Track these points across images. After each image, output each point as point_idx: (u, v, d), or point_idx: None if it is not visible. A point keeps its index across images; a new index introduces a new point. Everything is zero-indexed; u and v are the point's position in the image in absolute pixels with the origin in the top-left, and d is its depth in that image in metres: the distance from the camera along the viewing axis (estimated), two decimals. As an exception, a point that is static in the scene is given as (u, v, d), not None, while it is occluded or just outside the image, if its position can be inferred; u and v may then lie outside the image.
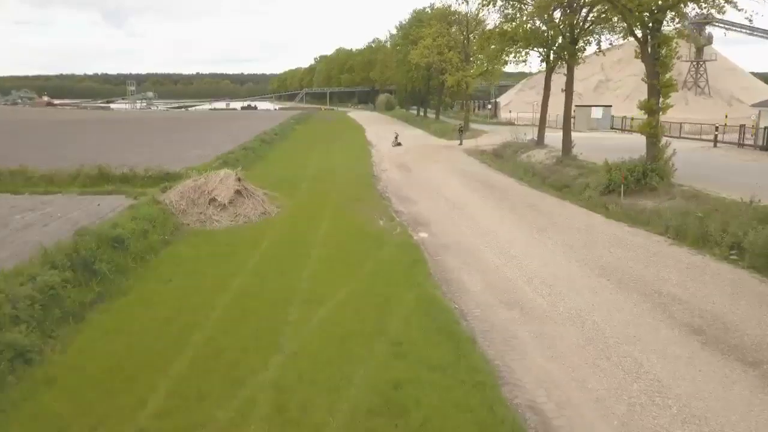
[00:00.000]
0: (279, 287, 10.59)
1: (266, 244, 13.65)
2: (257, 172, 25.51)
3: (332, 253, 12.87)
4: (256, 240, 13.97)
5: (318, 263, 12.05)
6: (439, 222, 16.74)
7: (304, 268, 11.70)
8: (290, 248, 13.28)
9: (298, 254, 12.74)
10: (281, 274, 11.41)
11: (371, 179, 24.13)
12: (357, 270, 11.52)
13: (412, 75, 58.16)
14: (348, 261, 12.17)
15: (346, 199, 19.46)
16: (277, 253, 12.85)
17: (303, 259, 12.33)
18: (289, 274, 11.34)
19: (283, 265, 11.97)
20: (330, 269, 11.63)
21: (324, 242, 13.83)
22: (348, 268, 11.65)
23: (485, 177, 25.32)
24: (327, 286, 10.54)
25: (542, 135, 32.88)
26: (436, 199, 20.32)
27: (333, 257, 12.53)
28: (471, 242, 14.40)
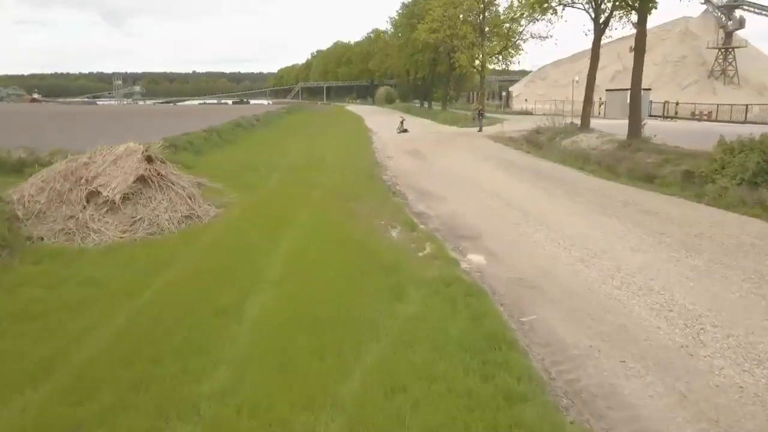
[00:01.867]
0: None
1: (155, 288, 6.25)
2: (215, 157, 18.13)
3: (288, 319, 5.48)
4: (143, 278, 6.58)
5: (246, 364, 4.63)
6: (497, 233, 9.38)
7: (211, 377, 4.33)
8: (199, 303, 5.82)
9: (208, 326, 5.33)
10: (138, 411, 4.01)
11: (374, 168, 16.78)
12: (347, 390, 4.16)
13: (416, 59, 50.67)
14: (327, 350, 4.76)
15: (335, 196, 12.13)
16: (159, 326, 5.38)
17: (217, 343, 4.95)
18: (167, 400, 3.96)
19: (157, 368, 4.54)
20: (275, 387, 4.23)
21: (279, 282, 6.44)
22: (325, 378, 4.28)
23: (532, 165, 17.93)
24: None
25: (588, 117, 25.83)
26: (473, 193, 12.97)
27: (288, 334, 5.13)
28: (587, 280, 7.05)
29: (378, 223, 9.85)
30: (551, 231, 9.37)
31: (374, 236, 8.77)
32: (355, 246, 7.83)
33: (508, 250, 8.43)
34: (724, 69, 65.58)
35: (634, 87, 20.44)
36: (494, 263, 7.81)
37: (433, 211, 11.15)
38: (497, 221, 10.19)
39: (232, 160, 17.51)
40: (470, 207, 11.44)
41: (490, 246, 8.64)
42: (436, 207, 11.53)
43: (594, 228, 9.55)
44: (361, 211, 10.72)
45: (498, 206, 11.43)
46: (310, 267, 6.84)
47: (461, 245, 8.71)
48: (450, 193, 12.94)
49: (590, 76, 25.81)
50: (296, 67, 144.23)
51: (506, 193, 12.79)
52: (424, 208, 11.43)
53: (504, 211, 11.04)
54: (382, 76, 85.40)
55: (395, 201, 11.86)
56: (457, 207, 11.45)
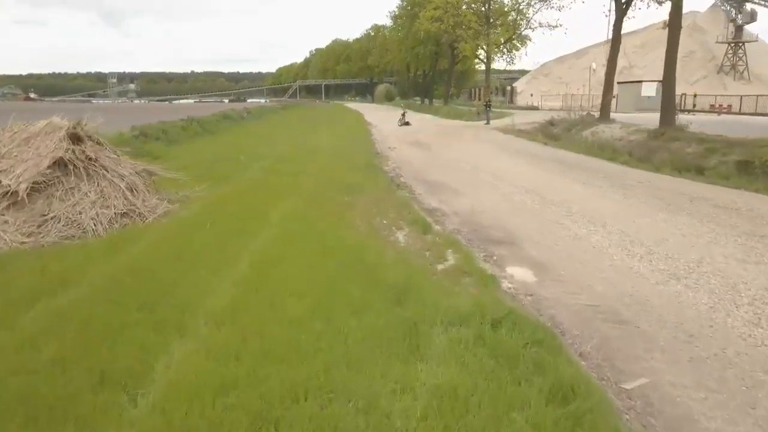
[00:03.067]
0: None
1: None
2: (191, 147, 15.67)
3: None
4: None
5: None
6: (539, 236, 6.89)
7: None
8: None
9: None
10: None
11: (374, 159, 14.27)
12: None
13: (417, 52, 48.13)
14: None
15: (326, 187, 9.67)
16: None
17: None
18: None
19: None
20: None
21: (215, 331, 3.90)
22: None
23: (556, 156, 15.46)
24: None
25: (608, 108, 23.47)
26: (496, 186, 10.46)
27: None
28: (700, 311, 4.59)
29: (380, 223, 7.39)
30: (610, 233, 6.90)
31: (375, 241, 6.29)
32: (348, 256, 5.34)
33: (560, 260, 5.96)
34: (734, 64, 63.09)
35: (668, 70, 18.02)
36: (548, 281, 5.34)
37: (449, 207, 8.66)
38: (534, 220, 7.71)
39: (211, 150, 15.04)
40: (495, 202, 8.96)
41: (534, 254, 6.17)
42: (452, 202, 9.05)
43: (668, 229, 7.07)
44: (358, 207, 8.25)
45: (530, 201, 8.95)
46: (277, 295, 4.34)
47: (495, 253, 6.23)
48: (466, 186, 10.45)
49: (610, 63, 23.40)
50: (295, 66, 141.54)
51: (535, 185, 10.30)
52: (437, 204, 8.95)
53: (539, 206, 8.55)
54: (381, 73, 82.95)
55: (401, 195, 9.38)
56: (479, 202, 8.96)
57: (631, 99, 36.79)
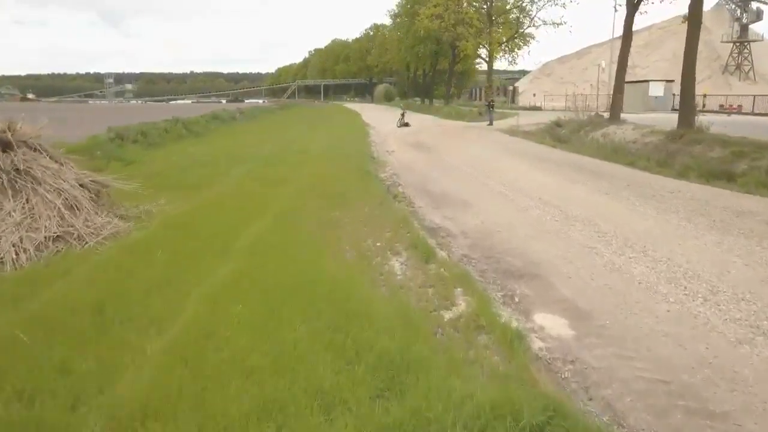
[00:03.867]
0: None
1: None
2: (171, 150, 14.34)
3: None
4: None
5: None
6: (570, 265, 5.51)
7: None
8: None
9: None
10: None
11: (369, 163, 12.90)
12: None
13: (417, 51, 46.72)
14: None
15: (311, 199, 8.34)
16: None
17: None
18: None
19: None
20: None
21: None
22: None
23: (568, 161, 14.09)
24: None
25: (618, 108, 22.19)
26: (508, 196, 9.07)
27: None
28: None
29: (372, 247, 6.05)
30: (655, 261, 5.56)
31: (364, 276, 4.96)
32: (323, 307, 3.97)
33: (600, 301, 4.62)
34: (739, 64, 61.75)
35: (687, 67, 16.66)
36: (591, 336, 3.99)
37: (456, 225, 7.30)
38: (558, 242, 6.36)
39: (192, 153, 13.71)
40: (509, 218, 7.60)
41: (566, 293, 4.82)
42: (459, 218, 7.69)
43: (724, 256, 5.72)
44: (347, 226, 6.91)
45: (549, 217, 7.59)
46: (212, 384, 2.99)
47: (516, 291, 4.89)
48: (474, 197, 9.09)
49: (621, 60, 22.05)
50: (294, 66, 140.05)
51: (552, 195, 8.94)
52: (441, 220, 7.59)
53: (561, 224, 7.19)
54: (380, 73, 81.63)
55: (398, 209, 8.01)
56: (490, 218, 7.60)
57: (638, 99, 35.42)
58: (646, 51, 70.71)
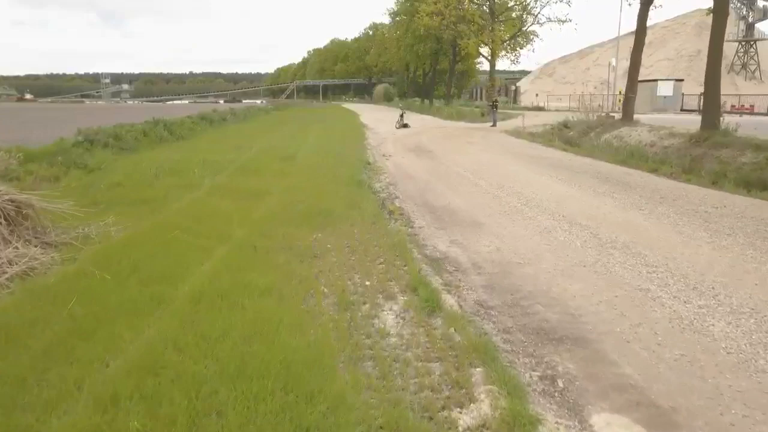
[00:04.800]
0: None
1: None
2: (145, 156, 12.86)
3: None
4: None
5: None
6: (624, 324, 4.01)
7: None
8: None
9: None
10: None
11: (363, 170, 11.40)
12: None
13: (416, 50, 45.21)
14: None
15: (290, 218, 6.88)
16: None
17: None
18: None
19: None
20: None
21: None
22: None
23: (584, 166, 12.65)
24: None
25: (631, 108, 20.80)
26: (525, 213, 7.54)
27: None
28: None
29: (358, 288, 4.61)
30: (737, 315, 4.12)
31: (343, 342, 3.50)
32: (273, 415, 2.53)
33: (691, 392, 3.16)
34: (745, 63, 60.29)
35: (712, 63, 15.22)
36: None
37: (465, 254, 5.83)
38: (601, 283, 4.89)
39: (167, 159, 12.23)
40: (532, 245, 6.12)
41: (632, 373, 3.35)
42: (469, 243, 6.21)
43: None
44: (329, 255, 5.47)
45: (580, 243, 6.11)
46: None
47: (557, 368, 3.42)
48: (485, 213, 7.61)
49: (634, 58, 20.57)
50: (293, 67, 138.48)
51: (578, 212, 7.47)
52: (447, 246, 6.11)
53: (599, 254, 5.71)
54: (379, 73, 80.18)
55: (394, 230, 6.54)
56: (507, 243, 6.13)
57: (645, 99, 33.96)
58: (648, 50, 69.04)
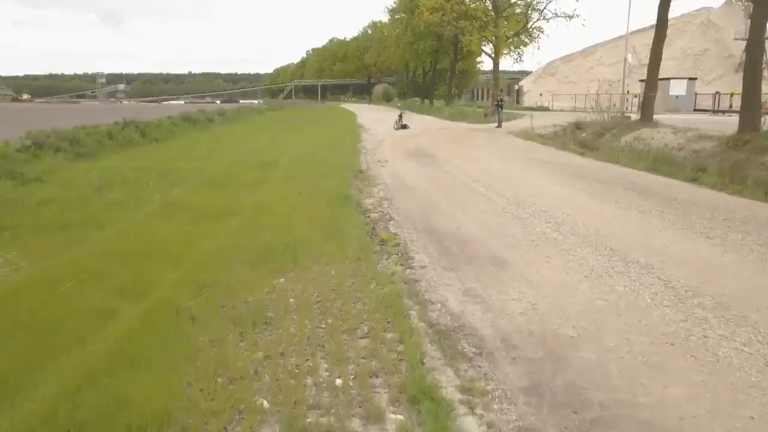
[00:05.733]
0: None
1: None
2: (103, 163, 11.02)
3: None
4: None
5: None
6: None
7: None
8: None
9: None
10: None
11: (353, 181, 9.53)
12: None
13: (416, 48, 43.31)
14: None
15: (246, 254, 5.04)
16: None
17: None
18: None
19: None
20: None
21: None
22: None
23: (612, 175, 10.79)
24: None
25: (651, 108, 19.10)
26: (562, 246, 5.67)
27: None
28: None
29: (323, 397, 2.75)
30: None
31: None
32: None
33: None
34: (755, 62, 58.38)
35: (752, 58, 13.40)
36: None
37: (489, 317, 3.97)
38: (709, 377, 3.06)
39: (126, 166, 10.39)
40: (580, 298, 4.27)
41: None
42: (491, 295, 4.34)
43: None
44: (288, 319, 3.65)
45: (650, 298, 4.23)
46: None
47: None
48: (508, 244, 5.73)
49: (654, 53, 18.78)
50: (291, 67, 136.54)
51: (631, 246, 5.61)
52: (460, 303, 4.24)
53: (685, 318, 3.86)
54: (378, 73, 78.36)
55: (384, 274, 4.70)
56: (547, 296, 4.26)
57: (658, 98, 31.99)
58: (653, 49, 67.45)
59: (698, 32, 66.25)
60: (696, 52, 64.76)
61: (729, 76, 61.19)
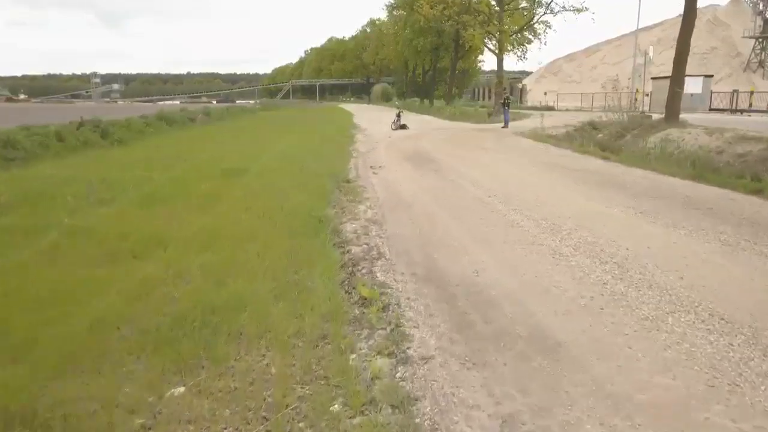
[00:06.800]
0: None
1: None
2: (31, 172, 8.99)
3: None
4: None
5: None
6: None
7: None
8: None
9: None
10: None
11: (334, 193, 7.56)
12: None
13: (416, 45, 41.27)
14: None
15: (140, 330, 3.03)
16: None
17: None
18: None
19: None
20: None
21: None
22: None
23: (661, 188, 8.74)
24: None
25: (677, 106, 17.12)
26: (648, 308, 3.71)
27: None
28: None
29: None
30: None
31: None
32: None
33: None
34: (763, 60, 56.39)
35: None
36: None
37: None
38: None
39: (59, 176, 8.38)
40: None
41: None
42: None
43: None
44: None
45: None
46: None
47: None
48: (555, 307, 3.74)
49: (681, 47, 16.74)
50: (290, 67, 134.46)
51: (737, 302, 3.65)
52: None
53: None
54: (377, 73, 76.39)
55: (358, 374, 2.72)
56: None
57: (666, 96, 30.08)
58: (659, 47, 65.25)
59: (705, 30, 64.18)
60: (703, 50, 62.68)
61: (737, 74, 59.23)
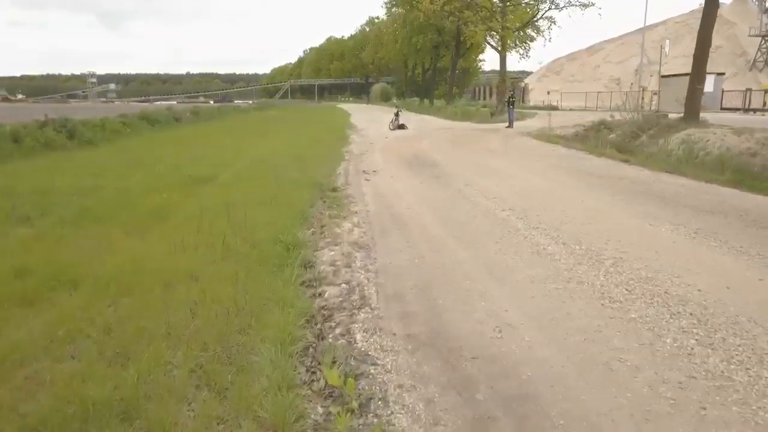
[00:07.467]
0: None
1: None
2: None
3: None
4: None
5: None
6: None
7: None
8: None
9: None
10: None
11: (317, 204, 6.25)
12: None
13: (415, 43, 39.94)
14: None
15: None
16: None
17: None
18: None
19: None
20: None
21: None
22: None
23: (703, 198, 7.39)
24: None
25: (697, 104, 15.88)
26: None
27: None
28: None
29: None
30: None
31: None
32: None
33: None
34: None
35: None
36: None
37: None
38: None
39: (4, 186, 7.06)
40: None
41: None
42: None
43: None
44: None
45: None
46: None
47: None
48: (627, 407, 2.45)
49: (702, 42, 15.42)
50: (288, 66, 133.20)
51: None
52: None
53: None
54: (376, 72, 75.09)
55: None
56: None
57: (678, 95, 28.76)
58: (663, 46, 64.21)
59: (709, 29, 63.06)
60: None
61: (743, 73, 57.91)
